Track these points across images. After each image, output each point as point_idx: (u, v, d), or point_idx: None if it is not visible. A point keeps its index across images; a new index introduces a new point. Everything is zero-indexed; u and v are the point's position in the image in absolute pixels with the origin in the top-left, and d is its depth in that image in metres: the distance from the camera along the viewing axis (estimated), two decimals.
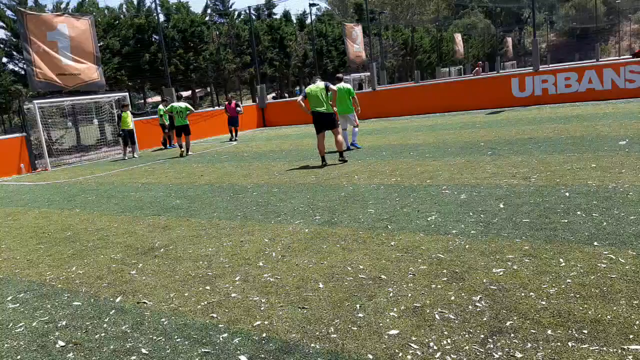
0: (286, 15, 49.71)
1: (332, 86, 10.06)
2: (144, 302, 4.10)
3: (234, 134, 19.42)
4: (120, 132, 16.98)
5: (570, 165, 7.25)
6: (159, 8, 26.09)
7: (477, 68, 27.90)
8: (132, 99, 27.45)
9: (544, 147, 8.94)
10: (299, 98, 10.47)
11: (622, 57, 50.06)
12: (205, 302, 3.95)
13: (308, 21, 46.60)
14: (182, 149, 15.36)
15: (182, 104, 15.68)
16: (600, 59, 40.53)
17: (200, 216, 6.91)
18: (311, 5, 36.70)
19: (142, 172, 12.57)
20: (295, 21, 50.46)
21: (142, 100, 49.31)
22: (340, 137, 10.08)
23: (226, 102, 20.31)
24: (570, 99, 16.81)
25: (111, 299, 4.26)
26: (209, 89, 52.19)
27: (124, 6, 34.84)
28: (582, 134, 9.96)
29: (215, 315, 3.69)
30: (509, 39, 71.03)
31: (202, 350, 3.20)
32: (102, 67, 18.69)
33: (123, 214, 7.69)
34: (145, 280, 4.62)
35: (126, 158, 16.68)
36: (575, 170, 6.87)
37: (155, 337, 3.46)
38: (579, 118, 12.47)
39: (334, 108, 10.31)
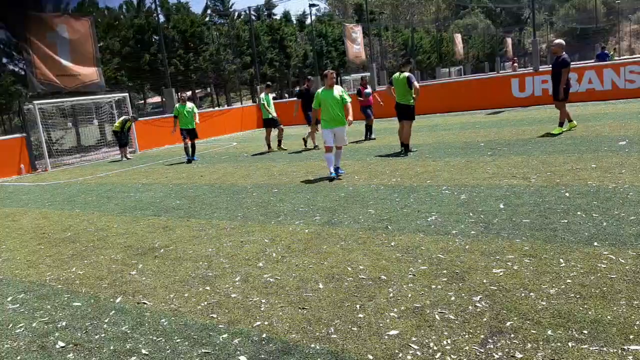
0: (286, 15, 49.80)
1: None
2: (144, 303, 4.10)
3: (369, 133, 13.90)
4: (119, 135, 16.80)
5: (571, 165, 7.25)
6: (159, 8, 26.09)
7: (514, 64, 28.03)
8: (132, 100, 27.42)
9: (544, 148, 8.94)
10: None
11: (622, 57, 50.08)
12: (205, 303, 3.95)
13: (308, 22, 46.64)
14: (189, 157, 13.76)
15: (190, 105, 13.91)
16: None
17: (200, 217, 6.91)
18: (311, 5, 36.71)
19: (142, 173, 12.57)
20: (295, 22, 50.51)
21: (142, 101, 49.35)
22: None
23: (360, 86, 14.21)
24: (570, 99, 16.77)
25: (111, 300, 4.26)
26: (209, 90, 52.22)
27: (124, 7, 34.87)
28: (582, 134, 9.96)
29: (215, 316, 3.69)
30: (509, 40, 71.10)
31: (202, 350, 3.20)
32: (102, 68, 18.70)
33: (123, 214, 7.69)
34: (146, 281, 4.62)
35: (124, 159, 16.68)
36: (575, 171, 6.87)
37: (155, 338, 3.46)
38: (579, 118, 12.46)
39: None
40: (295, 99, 16.47)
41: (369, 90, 13.83)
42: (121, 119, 16.91)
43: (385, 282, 3.89)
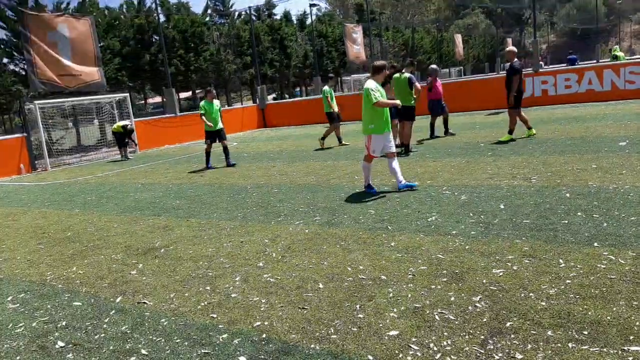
0: (286, 15, 49.76)
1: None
2: (144, 303, 4.10)
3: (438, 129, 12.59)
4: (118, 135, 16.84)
5: (571, 166, 7.25)
6: (159, 8, 26.10)
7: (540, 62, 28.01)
8: (132, 100, 27.39)
9: (544, 148, 8.94)
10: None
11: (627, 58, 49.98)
12: (205, 303, 3.95)
13: (308, 22, 46.64)
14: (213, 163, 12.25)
15: (217, 102, 12.38)
16: (600, 60, 40.53)
17: (200, 217, 6.91)
18: (311, 5, 36.70)
19: (142, 173, 12.57)
20: (295, 22, 50.50)
21: (143, 101, 49.37)
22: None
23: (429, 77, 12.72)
24: (570, 100, 16.80)
25: (111, 299, 4.26)
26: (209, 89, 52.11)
27: (124, 6, 34.88)
28: (583, 135, 9.96)
29: (215, 316, 3.68)
30: (509, 40, 71.14)
31: (202, 351, 3.20)
32: (103, 68, 18.69)
33: (123, 214, 7.69)
34: (146, 281, 4.62)
35: (126, 159, 16.68)
36: (575, 171, 6.87)
37: (155, 338, 3.46)
38: (579, 119, 12.46)
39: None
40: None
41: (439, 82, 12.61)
42: (121, 123, 16.94)
43: (385, 282, 3.89)
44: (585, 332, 2.86)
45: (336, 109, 13.20)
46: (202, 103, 11.98)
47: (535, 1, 21.01)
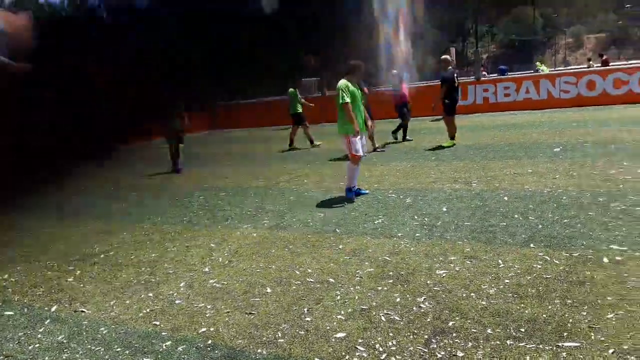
0: None
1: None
2: (82, 311, 3.92)
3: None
4: None
5: (509, 170, 7.58)
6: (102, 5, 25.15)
7: (483, 72, 28.89)
8: None
9: (484, 153, 9.30)
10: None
11: (557, 68, 52.93)
12: (148, 310, 3.82)
13: None
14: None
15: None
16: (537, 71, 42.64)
17: (144, 221, 6.69)
18: None
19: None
20: None
21: None
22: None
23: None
24: (509, 108, 17.59)
25: (46, 308, 4.04)
26: None
27: (65, 2, 33.43)
28: (520, 141, 10.44)
29: (158, 323, 3.57)
30: (453, 49, 73.79)
31: (145, 359, 3.09)
32: None
33: (60, 217, 7.33)
34: (83, 288, 4.42)
35: None
36: (513, 176, 7.18)
37: (93, 347, 3.31)
38: (517, 126, 13.06)
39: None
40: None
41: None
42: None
43: (333, 285, 3.91)
44: (523, 330, 2.99)
45: (301, 109, 13.29)
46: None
47: (477, 13, 21.88)
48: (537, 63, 29.40)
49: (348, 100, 6.42)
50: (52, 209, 8.27)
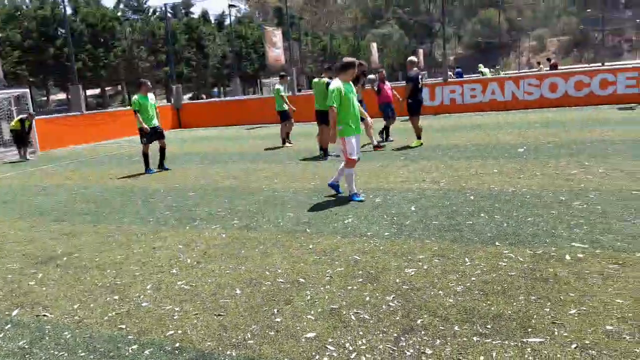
0: (204, 15, 48.69)
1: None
2: (44, 315, 3.80)
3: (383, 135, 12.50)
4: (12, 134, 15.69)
5: (475, 170, 7.74)
6: (65, 0, 24.45)
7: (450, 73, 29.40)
8: (33, 96, 25.35)
9: (451, 154, 9.47)
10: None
11: (521, 70, 54.37)
12: (113, 313, 3.73)
13: (227, 22, 45.95)
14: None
15: (152, 96, 11.14)
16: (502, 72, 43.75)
17: (109, 221, 6.54)
18: (230, 6, 36.16)
19: (44, 175, 11.67)
20: (213, 22, 49.54)
21: (45, 98, 45.96)
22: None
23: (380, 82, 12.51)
24: (476, 109, 17.97)
25: (7, 313, 3.90)
26: (120, 87, 49.77)
27: None
28: (486, 141, 10.67)
29: (124, 327, 3.49)
30: (421, 50, 74.86)
31: None
32: (0, 61, 17.13)
33: (21, 219, 7.09)
34: (46, 291, 4.28)
35: (25, 160, 15.41)
36: (479, 175, 7.33)
37: (57, 353, 3.21)
38: (482, 127, 13.35)
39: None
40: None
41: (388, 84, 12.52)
42: (18, 118, 15.75)
43: (303, 285, 3.91)
44: (489, 326, 3.06)
45: (287, 107, 13.08)
46: (135, 97, 10.38)
47: (444, 15, 22.25)
48: (480, 65, 30.83)
49: (334, 104, 6.27)
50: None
